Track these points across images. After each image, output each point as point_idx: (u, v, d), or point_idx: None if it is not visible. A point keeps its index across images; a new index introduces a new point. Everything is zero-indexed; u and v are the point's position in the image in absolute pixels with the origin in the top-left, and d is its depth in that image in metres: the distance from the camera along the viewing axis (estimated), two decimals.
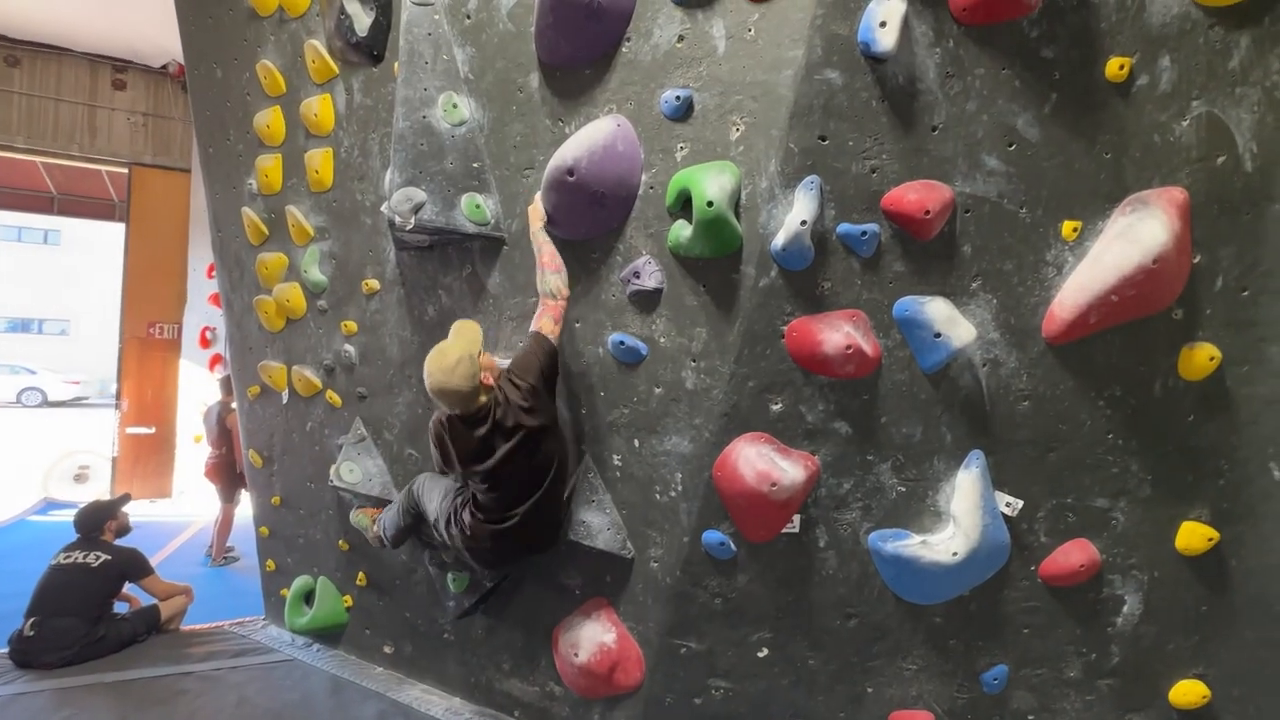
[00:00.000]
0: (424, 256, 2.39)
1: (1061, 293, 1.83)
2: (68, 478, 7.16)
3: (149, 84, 7.43)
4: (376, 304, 2.60)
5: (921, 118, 1.73)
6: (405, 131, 2.13)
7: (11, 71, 6.95)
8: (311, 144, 2.62)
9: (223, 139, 2.92)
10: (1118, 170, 1.77)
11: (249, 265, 2.96)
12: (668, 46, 1.84)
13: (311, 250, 2.72)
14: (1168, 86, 1.72)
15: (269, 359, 3.00)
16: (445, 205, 2.16)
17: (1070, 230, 1.80)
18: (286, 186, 2.75)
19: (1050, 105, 1.72)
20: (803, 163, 1.74)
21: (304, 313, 2.83)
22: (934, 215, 1.74)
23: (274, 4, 2.58)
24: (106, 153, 7.32)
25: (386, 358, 2.62)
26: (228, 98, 2.85)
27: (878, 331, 1.86)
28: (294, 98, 2.63)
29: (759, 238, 1.80)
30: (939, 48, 1.68)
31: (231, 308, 3.12)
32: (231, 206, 2.96)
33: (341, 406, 2.80)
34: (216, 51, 2.84)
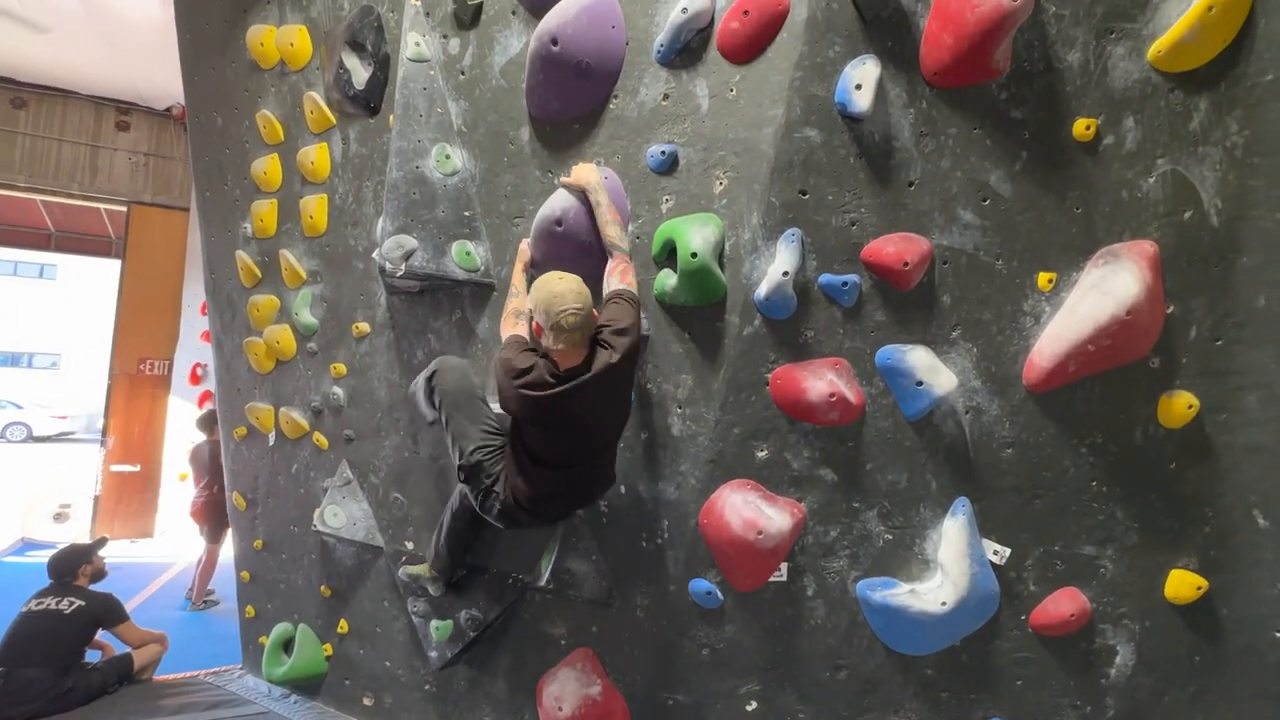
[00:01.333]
0: (414, 301, 2.41)
1: (1040, 342, 1.86)
2: (47, 517, 7.00)
3: (152, 125, 7.57)
4: (366, 347, 2.61)
5: (898, 174, 1.79)
6: (399, 181, 2.19)
7: (17, 113, 7.08)
8: (307, 190, 2.68)
9: (220, 184, 2.98)
10: (1089, 224, 1.82)
11: (241, 307, 2.98)
12: (653, 104, 1.91)
13: (303, 293, 2.75)
14: (1133, 146, 1.79)
15: (257, 400, 2.99)
16: (436, 252, 2.20)
17: (1045, 281, 1.85)
18: (281, 231, 2.79)
19: (1021, 163, 1.78)
20: (784, 216, 1.79)
21: (293, 354, 2.83)
22: (913, 267, 1.79)
23: (276, 57, 2.66)
24: (107, 191, 7.41)
25: (375, 400, 2.62)
26: (227, 144, 2.92)
27: (861, 379, 1.88)
28: (292, 146, 2.69)
29: (742, 287, 1.84)
30: (912, 108, 1.75)
31: (222, 349, 3.13)
32: (226, 249, 2.99)
33: (328, 449, 2.79)
34: (218, 100, 2.92)
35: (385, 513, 2.63)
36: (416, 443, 2.52)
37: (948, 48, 1.68)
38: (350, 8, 2.44)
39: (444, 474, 2.46)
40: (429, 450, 2.50)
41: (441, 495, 2.48)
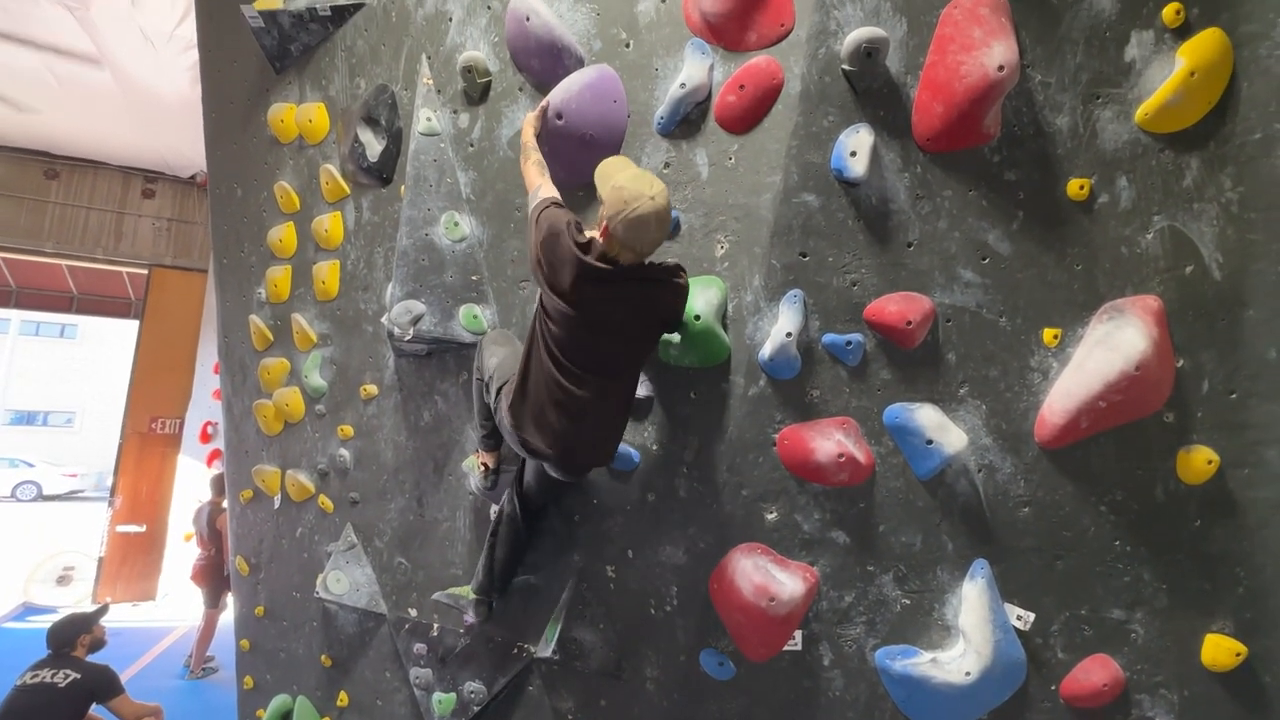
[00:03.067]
0: (422, 363, 2.44)
1: (1050, 398, 1.84)
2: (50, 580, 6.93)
3: (176, 192, 7.90)
4: (373, 409, 2.62)
5: (896, 235, 1.81)
6: (408, 248, 2.24)
7: (50, 183, 7.43)
8: (320, 257, 2.75)
9: (237, 251, 3.07)
10: (1090, 280, 1.83)
11: (252, 370, 3.02)
12: (655, 172, 1.97)
13: (313, 356, 2.78)
14: (1128, 204, 1.82)
15: (264, 463, 2.99)
16: (444, 316, 2.23)
17: (1051, 337, 1.84)
18: (293, 295, 2.85)
19: (1018, 222, 1.81)
20: (785, 278, 1.81)
21: (302, 416, 2.85)
22: (916, 325, 1.79)
23: (295, 132, 2.79)
24: (130, 255, 7.67)
25: (381, 462, 2.61)
26: (245, 214, 3.03)
27: (869, 439, 1.86)
28: (307, 215, 2.78)
29: (746, 348, 1.84)
30: (907, 172, 1.79)
31: (231, 411, 3.15)
32: (240, 314, 3.06)
33: (333, 512, 2.76)
34: (238, 173, 3.05)
35: (389, 578, 2.58)
36: (422, 505, 2.49)
37: (938, 115, 1.74)
38: (366, 86, 2.57)
39: (448, 538, 2.42)
40: (434, 513, 2.47)
41: (445, 559, 2.44)
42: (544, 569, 2.20)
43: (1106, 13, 1.76)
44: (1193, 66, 1.73)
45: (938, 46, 1.73)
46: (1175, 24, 1.76)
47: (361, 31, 2.59)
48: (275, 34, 2.69)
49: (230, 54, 3.01)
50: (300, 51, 2.75)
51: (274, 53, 2.76)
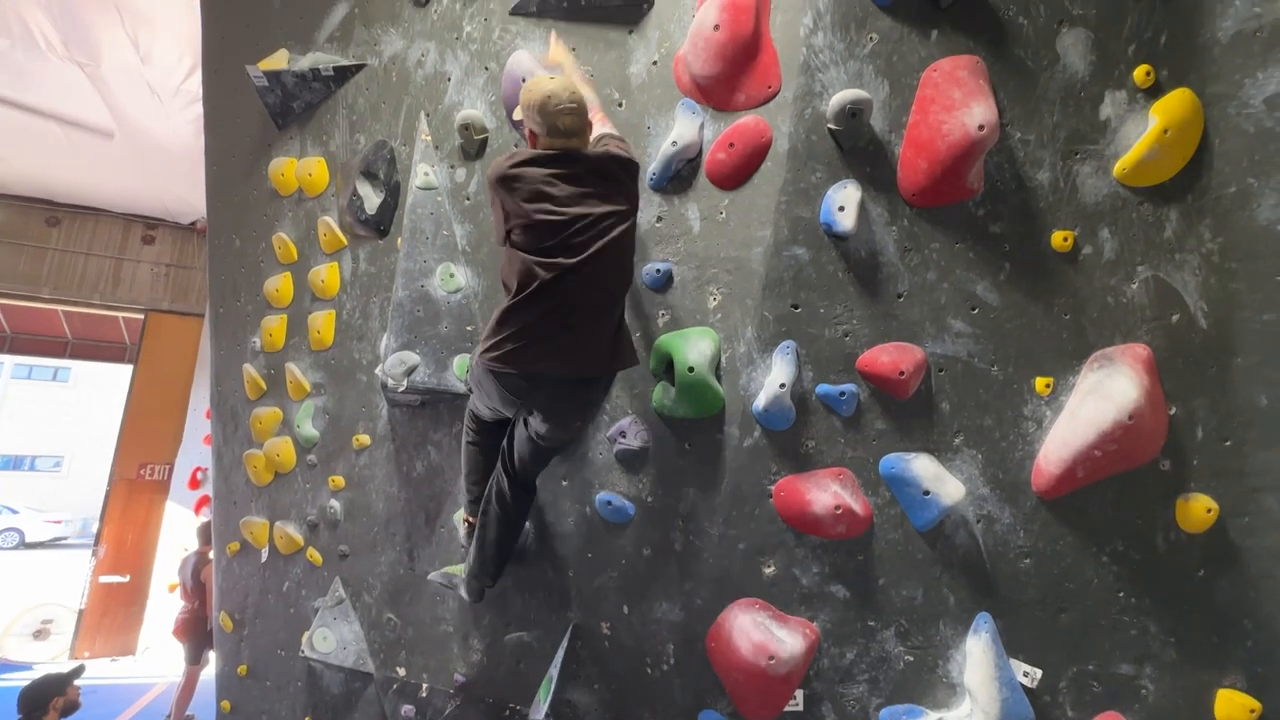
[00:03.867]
0: (415, 413, 2.42)
1: (1045, 447, 1.84)
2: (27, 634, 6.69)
3: (176, 238, 7.97)
4: (366, 459, 2.59)
5: (886, 286, 1.84)
6: (404, 300, 2.26)
7: (50, 230, 7.50)
8: (316, 306, 2.77)
9: (234, 300, 3.09)
10: (1079, 329, 1.85)
11: (244, 419, 3.00)
12: (648, 225, 2.01)
13: (306, 405, 2.77)
14: (1111, 255, 1.85)
15: (252, 514, 2.93)
16: (438, 367, 2.23)
17: (1043, 386, 1.85)
18: (288, 344, 2.85)
19: (1005, 273, 1.84)
20: (778, 329, 1.82)
21: (292, 466, 2.81)
22: (908, 375, 1.80)
23: (294, 186, 2.84)
24: (127, 300, 7.69)
25: (372, 514, 2.56)
26: (243, 264, 3.05)
27: (866, 489, 1.84)
28: (304, 265, 2.81)
29: (740, 399, 1.84)
30: (895, 226, 1.83)
31: (221, 461, 3.11)
32: (234, 363, 3.05)
33: (321, 565, 2.70)
34: (238, 224, 3.09)
35: (378, 635, 2.50)
36: (412, 559, 2.44)
37: (923, 172, 1.79)
38: (366, 142, 2.63)
39: (439, 592, 2.36)
40: (425, 566, 2.42)
41: (435, 615, 2.37)
42: (536, 625, 2.15)
43: (1080, 74, 1.84)
44: (1166, 124, 1.79)
45: (919, 107, 1.80)
46: (1146, 84, 1.83)
47: (363, 90, 2.67)
48: (279, 92, 2.77)
49: (234, 110, 3.09)
50: (302, 108, 2.82)
51: (277, 110, 2.83)
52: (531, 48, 2.23)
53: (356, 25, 2.70)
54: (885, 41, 1.80)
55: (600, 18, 2.11)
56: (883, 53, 1.80)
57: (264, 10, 2.98)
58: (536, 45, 2.22)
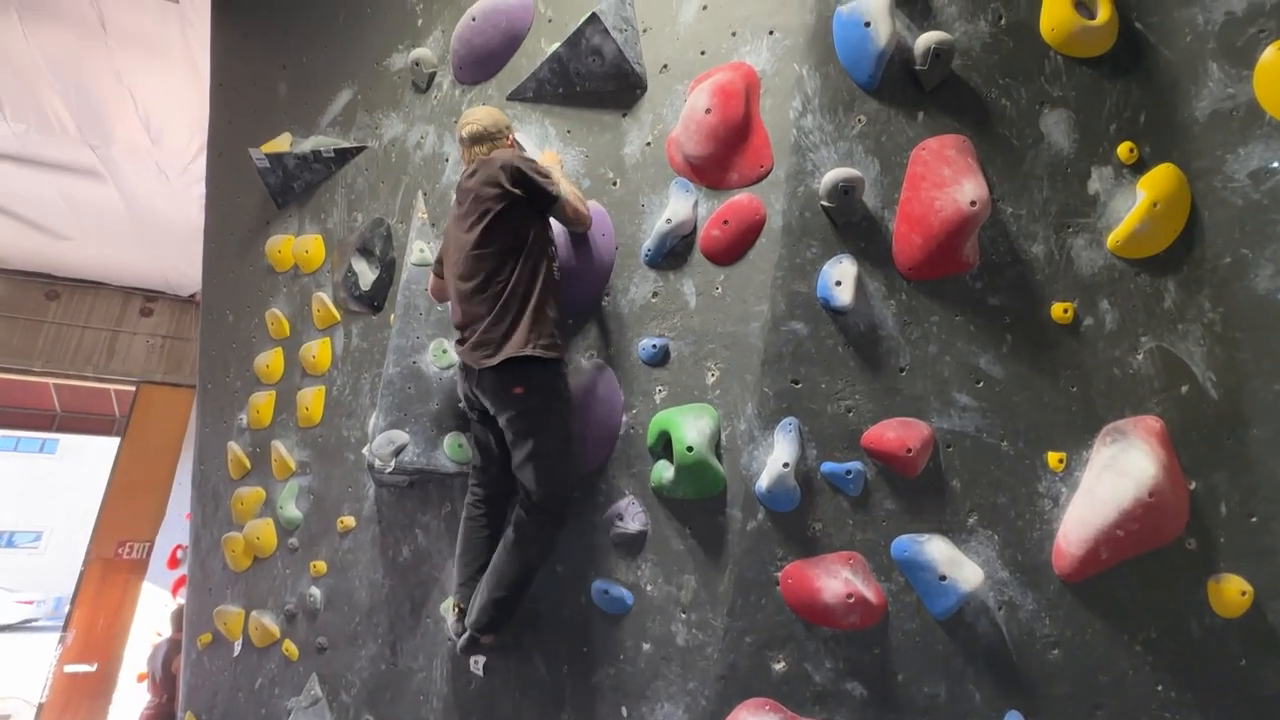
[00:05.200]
0: (403, 494, 2.33)
1: (1064, 526, 1.75)
2: None
3: (174, 310, 7.99)
4: (350, 542, 2.47)
5: (888, 360, 1.80)
6: (394, 377, 2.21)
7: (49, 304, 7.52)
8: (306, 383, 2.71)
9: (223, 376, 3.03)
10: (1087, 402, 1.80)
11: (225, 500, 2.88)
12: (644, 301, 1.99)
13: (290, 485, 2.67)
14: (1113, 326, 1.83)
15: (227, 603, 2.77)
16: (428, 446, 2.16)
17: (1056, 461, 1.78)
18: (275, 421, 2.78)
19: (1008, 346, 1.81)
20: (778, 405, 1.77)
21: (273, 550, 2.68)
22: (916, 452, 1.73)
23: (290, 262, 2.85)
24: (120, 372, 7.60)
25: (354, 603, 2.41)
26: (234, 340, 3.02)
27: (878, 574, 1.74)
28: (296, 341, 2.78)
29: (742, 479, 1.77)
30: (893, 300, 1.81)
31: (199, 545, 2.96)
32: (219, 441, 2.96)
33: (297, 660, 2.51)
34: (232, 300, 3.08)
35: None
36: (395, 653, 2.27)
37: (918, 246, 1.79)
38: (363, 220, 2.66)
39: (422, 690, 2.19)
40: (408, 661, 2.25)
41: (418, 717, 2.18)
42: None
43: (1065, 151, 1.87)
44: (1155, 198, 1.81)
45: (910, 184, 1.82)
46: (1131, 160, 1.87)
47: (362, 170, 2.72)
48: (280, 173, 2.83)
49: (235, 189, 3.15)
50: (302, 188, 2.87)
51: (277, 189, 2.88)
52: (528, 130, 2.28)
53: (359, 110, 2.78)
54: (873, 123, 1.84)
55: (594, 103, 2.17)
56: (871, 133, 1.84)
57: (271, 97, 3.08)
58: (532, 129, 2.28)
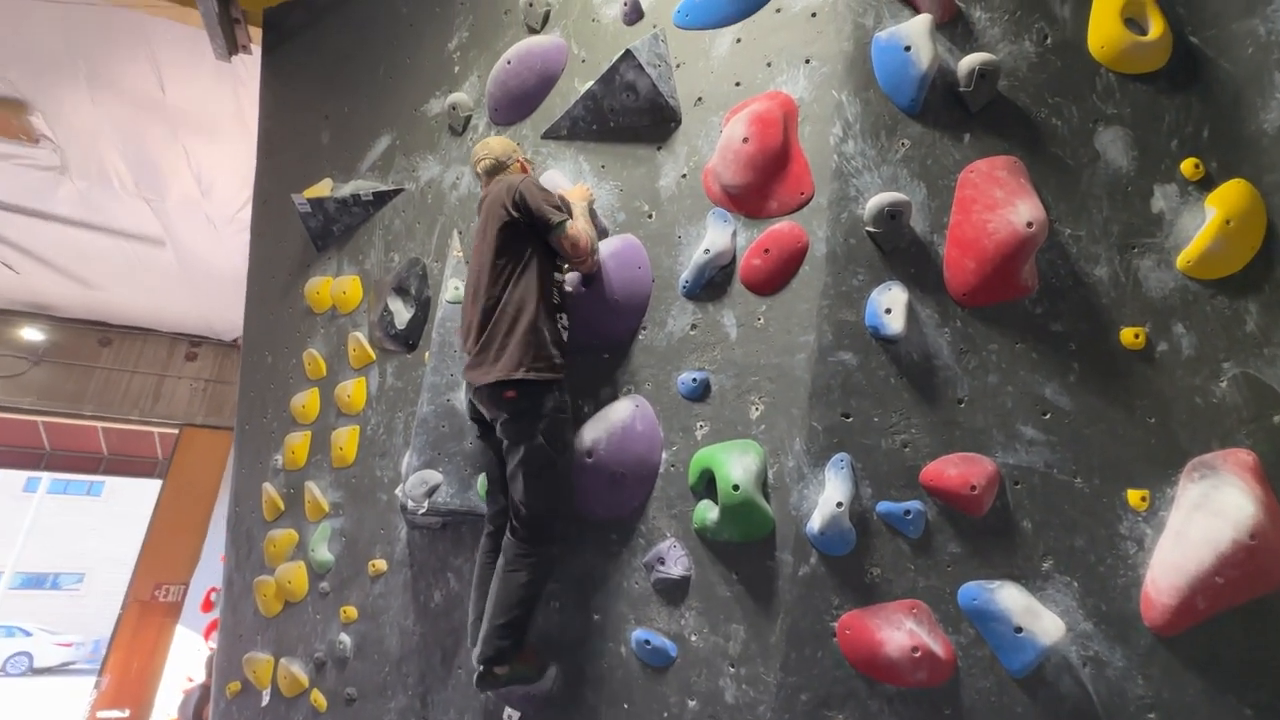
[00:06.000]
0: (435, 537, 2.26)
1: (1152, 572, 1.59)
2: None
3: (217, 354, 8.25)
4: (381, 587, 2.40)
5: (945, 391, 1.70)
6: (428, 415, 2.18)
7: (101, 350, 7.84)
8: (341, 423, 2.70)
9: (260, 417, 3.05)
10: (1168, 434, 1.66)
11: (258, 542, 2.85)
12: (682, 334, 1.93)
13: (323, 527, 2.63)
14: (1191, 351, 1.70)
15: (257, 649, 2.71)
16: (461, 486, 2.10)
17: (1138, 499, 1.63)
18: (310, 462, 2.77)
19: (1075, 374, 1.69)
20: (829, 440, 1.67)
21: (304, 595, 2.62)
22: (981, 490, 1.60)
23: (329, 303, 2.89)
24: (164, 415, 7.83)
25: (384, 650, 2.33)
26: (272, 381, 3.05)
27: (945, 626, 1.59)
28: (332, 380, 2.79)
29: (792, 520, 1.66)
30: (947, 328, 1.72)
31: (231, 588, 2.93)
32: (255, 482, 2.96)
33: (325, 711, 2.42)
34: (271, 341, 3.13)
35: None
36: (425, 706, 2.17)
37: (971, 271, 1.70)
38: (400, 260, 2.69)
39: None
40: (438, 715, 2.14)
41: None
42: None
43: (1124, 170, 1.78)
44: (1227, 215, 1.70)
45: (960, 207, 1.74)
46: (1196, 177, 1.77)
47: (399, 212, 2.77)
48: (320, 217, 2.90)
49: (278, 234, 3.23)
50: (341, 231, 2.93)
51: (318, 233, 2.95)
52: (563, 168, 2.29)
53: (397, 154, 2.85)
54: (918, 146, 1.78)
55: (629, 138, 2.17)
56: (916, 156, 1.78)
57: (314, 145, 3.19)
58: (567, 166, 2.28)
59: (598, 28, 2.33)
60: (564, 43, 2.39)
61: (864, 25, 1.83)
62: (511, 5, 2.57)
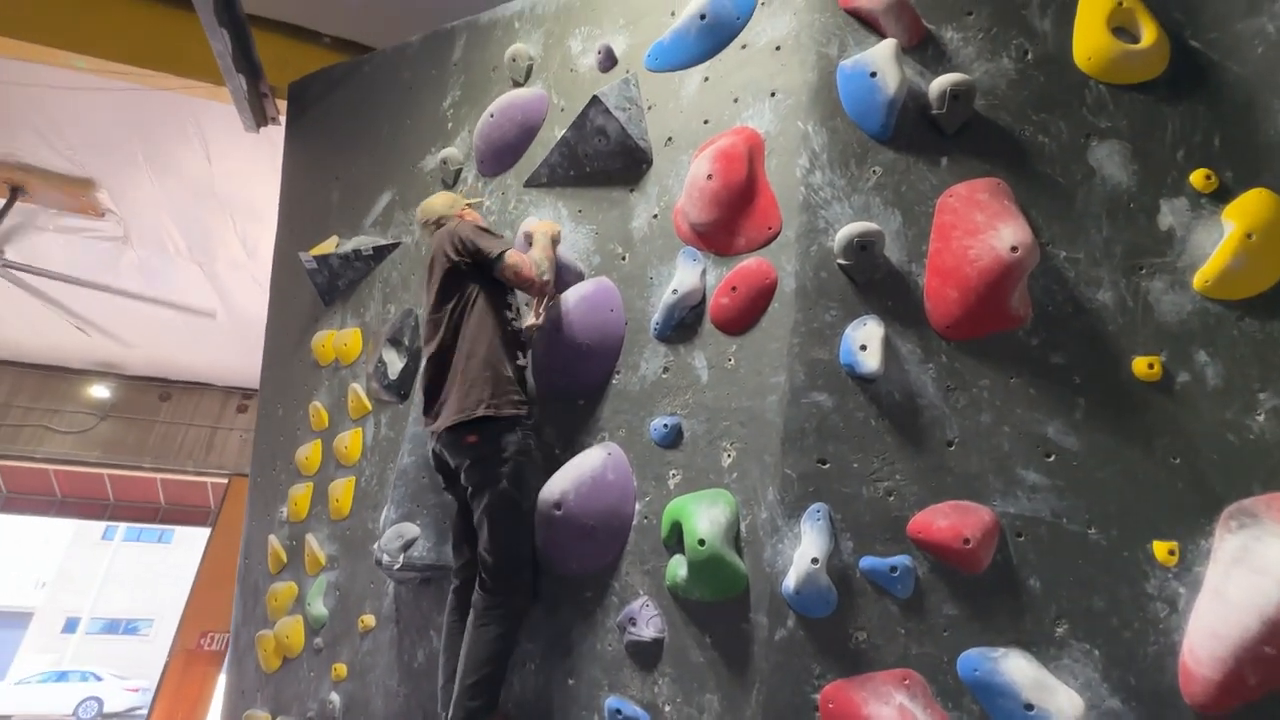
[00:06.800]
0: (419, 592, 2.20)
1: (1189, 640, 1.37)
2: None
3: None
4: (369, 644, 2.34)
5: (932, 433, 1.55)
6: (408, 466, 2.15)
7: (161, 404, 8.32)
8: (339, 474, 2.71)
9: (270, 469, 3.11)
10: (1197, 477, 1.46)
11: (263, 595, 2.86)
12: (654, 377, 1.86)
13: (319, 581, 2.61)
14: (1218, 381, 1.51)
15: (257, 707, 2.67)
16: (439, 539, 2.05)
17: (1165, 553, 1.43)
18: (311, 514, 2.78)
19: (1081, 411, 1.52)
20: (804, 489, 1.54)
21: (300, 650, 2.59)
22: (977, 543, 1.44)
23: (332, 356, 2.95)
24: (215, 466, 8.19)
25: (369, 712, 2.25)
26: (282, 433, 3.12)
27: (942, 700, 1.41)
28: (333, 432, 2.82)
29: (766, 577, 1.52)
30: (931, 363, 1.58)
31: (238, 642, 2.93)
32: (263, 535, 2.99)
33: None
34: (283, 394, 3.21)
35: None
36: None
37: (955, 302, 1.57)
38: (395, 311, 2.73)
39: None
40: None
41: None
42: None
43: (1124, 185, 1.64)
44: (1248, 228, 1.53)
45: (939, 234, 1.63)
46: (1209, 189, 1.60)
47: (396, 264, 2.83)
48: (326, 273, 2.99)
49: (292, 291, 3.36)
50: (346, 286, 3.01)
51: (324, 289, 3.04)
52: (542, 214, 2.29)
53: (396, 210, 2.93)
54: (890, 173, 1.69)
55: (603, 181, 2.16)
56: (889, 184, 1.69)
57: (326, 205, 3.33)
58: (546, 212, 2.29)
59: (576, 77, 2.36)
60: (544, 93, 2.44)
61: (828, 55, 1.77)
62: (499, 62, 2.65)
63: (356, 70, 3.40)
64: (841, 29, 1.79)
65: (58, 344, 7.55)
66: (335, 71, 3.53)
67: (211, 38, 3.17)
